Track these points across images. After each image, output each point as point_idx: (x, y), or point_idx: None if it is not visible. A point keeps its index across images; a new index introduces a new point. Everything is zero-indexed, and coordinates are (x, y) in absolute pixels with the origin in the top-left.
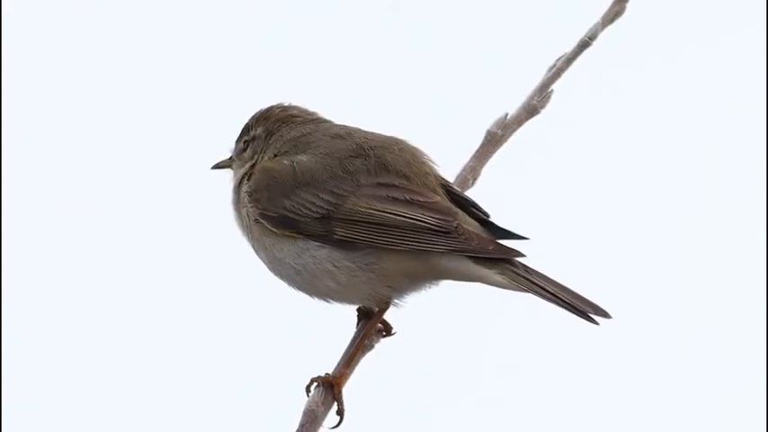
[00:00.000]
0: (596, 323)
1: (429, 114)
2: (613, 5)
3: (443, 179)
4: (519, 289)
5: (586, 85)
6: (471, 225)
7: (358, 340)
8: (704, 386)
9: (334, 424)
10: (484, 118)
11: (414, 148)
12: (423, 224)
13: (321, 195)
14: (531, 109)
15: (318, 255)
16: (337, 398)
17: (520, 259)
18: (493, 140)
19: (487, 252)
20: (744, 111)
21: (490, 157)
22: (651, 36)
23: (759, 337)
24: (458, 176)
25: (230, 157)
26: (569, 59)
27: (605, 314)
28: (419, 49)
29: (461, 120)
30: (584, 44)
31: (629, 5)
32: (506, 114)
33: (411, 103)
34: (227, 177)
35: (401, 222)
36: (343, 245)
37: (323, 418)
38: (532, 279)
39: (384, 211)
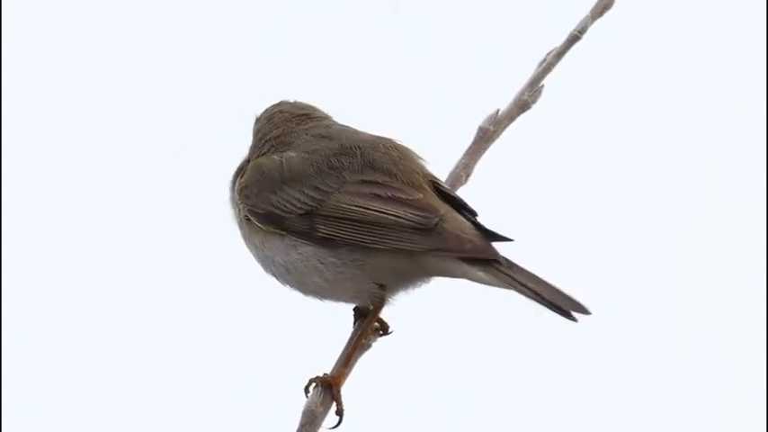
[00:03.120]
0: (575, 320)
1: (420, 112)
2: None
3: (433, 177)
4: (501, 285)
5: (577, 79)
6: (457, 222)
7: (355, 339)
8: (698, 383)
9: (334, 424)
10: (475, 114)
11: (402, 146)
12: (402, 221)
13: (305, 191)
14: (522, 104)
15: (305, 252)
16: (336, 398)
17: (506, 255)
18: (485, 137)
19: (464, 252)
20: (736, 104)
21: (482, 153)
22: (641, 29)
23: (757, 334)
24: (450, 174)
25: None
26: (559, 54)
27: (584, 310)
28: (410, 46)
29: (453, 117)
30: (573, 38)
31: None
32: (497, 110)
33: (403, 101)
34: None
35: (382, 219)
36: (328, 243)
37: (322, 419)
38: (514, 276)
39: (366, 208)
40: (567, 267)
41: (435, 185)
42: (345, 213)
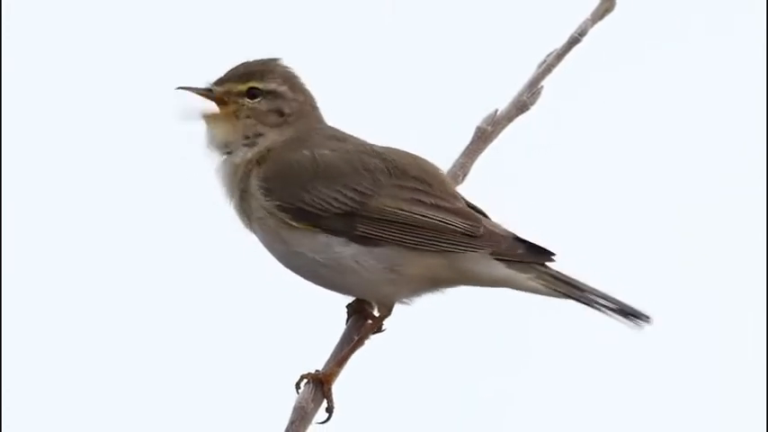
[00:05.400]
0: (641, 327)
1: (419, 111)
2: (603, 2)
3: (458, 191)
4: (556, 294)
5: (576, 81)
6: (498, 228)
7: (353, 343)
8: (707, 386)
9: (323, 419)
10: (473, 114)
11: (423, 158)
12: (451, 227)
13: (343, 191)
14: (520, 105)
15: (342, 252)
16: (327, 395)
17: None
18: (483, 137)
19: (517, 255)
20: (736, 104)
21: (480, 153)
22: (641, 32)
23: (759, 332)
24: (448, 173)
25: (209, 90)
26: (559, 56)
27: (646, 318)
28: (409, 45)
29: (451, 116)
30: (574, 40)
31: (618, 2)
32: (496, 111)
33: (401, 100)
34: (205, 158)
35: (429, 224)
36: (368, 242)
37: (313, 415)
38: (573, 283)
39: (411, 212)
40: (565, 267)
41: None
42: (389, 216)
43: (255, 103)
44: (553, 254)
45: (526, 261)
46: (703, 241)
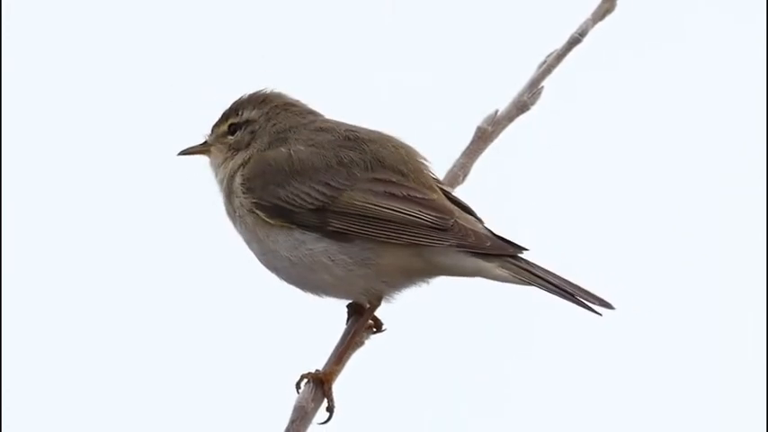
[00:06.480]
0: (599, 314)
1: (419, 111)
2: (604, 2)
3: (438, 180)
4: (521, 282)
5: (576, 81)
6: (469, 222)
7: (349, 338)
8: (704, 380)
9: (324, 419)
10: (474, 114)
11: (407, 145)
12: (419, 220)
13: (316, 187)
14: (521, 105)
15: (315, 248)
16: (327, 394)
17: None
18: (483, 137)
19: (484, 248)
20: (736, 105)
21: (480, 153)
22: (641, 33)
23: (758, 329)
24: (448, 173)
25: (204, 143)
26: (560, 56)
27: (608, 305)
28: (410, 45)
29: (451, 116)
30: (574, 41)
31: (619, 2)
32: (496, 111)
33: (401, 100)
34: (205, 166)
35: (398, 218)
36: (340, 238)
37: (313, 415)
38: (535, 272)
39: (381, 206)
40: (564, 267)
41: (442, 190)
42: (359, 210)
43: (236, 136)
44: (523, 248)
45: (492, 253)
46: (703, 240)
